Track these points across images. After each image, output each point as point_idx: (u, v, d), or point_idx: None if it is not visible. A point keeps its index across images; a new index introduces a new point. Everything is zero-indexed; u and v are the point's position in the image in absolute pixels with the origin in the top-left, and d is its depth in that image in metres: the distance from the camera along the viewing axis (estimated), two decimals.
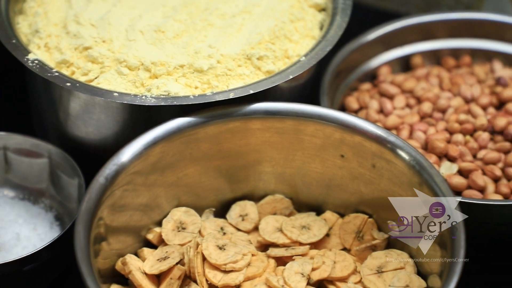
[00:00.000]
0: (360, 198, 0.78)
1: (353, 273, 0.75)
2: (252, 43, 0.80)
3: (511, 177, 0.79)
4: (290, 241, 0.77)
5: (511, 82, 0.86)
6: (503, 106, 0.84)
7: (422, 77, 0.88)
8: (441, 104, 0.84)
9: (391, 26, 0.90)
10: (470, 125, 0.82)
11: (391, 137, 0.75)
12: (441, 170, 0.80)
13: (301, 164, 0.79)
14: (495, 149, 0.81)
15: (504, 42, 0.90)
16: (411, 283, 0.73)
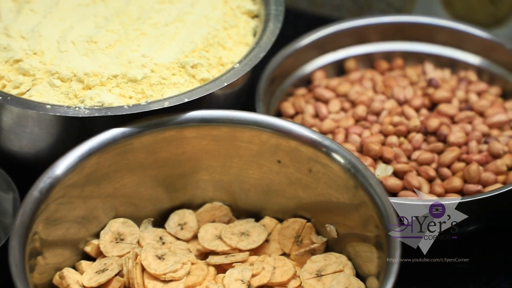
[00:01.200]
0: (298, 203, 0.79)
1: (293, 278, 0.75)
2: (185, 51, 0.80)
3: (444, 177, 0.80)
4: (230, 248, 0.77)
5: (443, 83, 0.88)
6: (435, 107, 0.86)
7: (356, 81, 0.89)
8: (375, 107, 0.85)
9: (325, 31, 0.91)
10: (403, 127, 0.83)
11: (326, 141, 0.75)
12: (376, 172, 0.81)
13: (238, 171, 0.79)
14: (429, 149, 0.82)
15: (435, 44, 0.91)
16: (350, 285, 0.73)
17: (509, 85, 0.88)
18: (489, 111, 0.85)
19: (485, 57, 0.90)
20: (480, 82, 0.89)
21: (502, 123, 0.84)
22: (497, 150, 0.81)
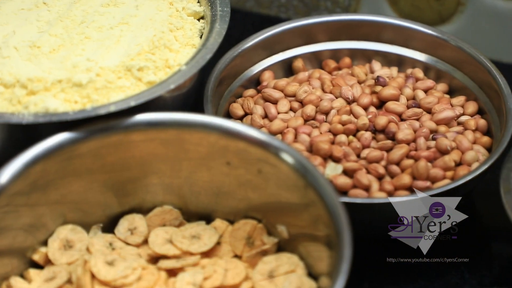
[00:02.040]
0: (249, 204, 0.79)
1: (245, 280, 0.75)
2: (131, 54, 0.79)
3: (394, 174, 0.81)
4: (181, 252, 0.76)
5: (390, 81, 0.88)
6: (383, 105, 0.86)
7: (304, 81, 0.89)
8: (324, 106, 0.85)
9: (272, 31, 0.91)
10: (352, 125, 0.83)
11: (274, 141, 0.75)
12: (326, 171, 0.81)
13: (188, 174, 0.79)
14: (378, 147, 0.82)
15: (382, 43, 0.92)
16: (302, 285, 0.73)
17: (455, 81, 0.89)
18: (436, 107, 0.85)
19: (431, 54, 0.90)
20: (427, 79, 0.89)
21: (449, 119, 0.84)
22: (445, 146, 0.81)
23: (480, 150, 0.83)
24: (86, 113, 0.74)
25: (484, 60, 0.86)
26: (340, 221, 0.70)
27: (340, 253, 0.68)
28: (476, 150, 0.82)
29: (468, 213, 0.85)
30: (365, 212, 0.78)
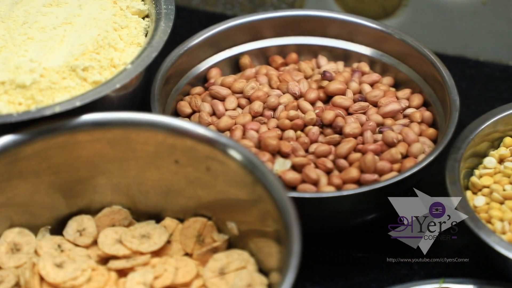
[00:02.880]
0: (198, 202, 0.78)
1: (196, 278, 0.75)
2: (75, 54, 0.78)
3: (342, 168, 0.81)
4: (131, 251, 0.76)
5: (337, 75, 0.88)
6: (330, 99, 0.87)
7: (252, 77, 0.89)
8: (271, 102, 0.86)
9: (218, 28, 0.91)
10: (300, 120, 0.84)
11: (222, 138, 0.75)
12: (275, 167, 0.81)
13: (136, 173, 0.78)
14: (326, 142, 0.83)
15: (327, 38, 0.92)
16: (253, 281, 0.74)
17: (400, 75, 0.89)
18: (382, 101, 0.86)
19: (376, 48, 0.91)
20: (372, 73, 0.90)
21: (395, 112, 0.85)
22: (391, 139, 0.82)
23: (426, 142, 0.84)
24: (30, 115, 0.73)
25: (428, 53, 0.87)
26: (288, 216, 0.70)
27: (289, 248, 0.68)
28: (422, 142, 0.83)
29: None
30: (314, 207, 0.78)
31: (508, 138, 0.82)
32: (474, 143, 0.81)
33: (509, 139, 0.82)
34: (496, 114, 0.82)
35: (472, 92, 0.97)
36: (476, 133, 0.81)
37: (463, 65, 0.99)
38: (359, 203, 0.79)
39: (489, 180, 0.79)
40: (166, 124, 0.76)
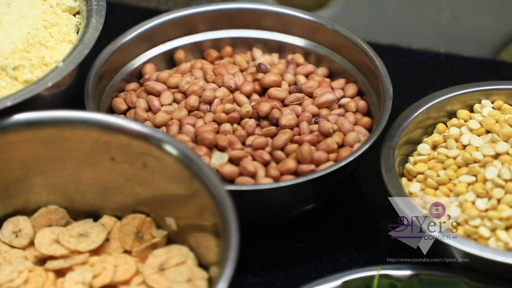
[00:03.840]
0: (136, 199, 0.78)
1: (135, 275, 0.75)
2: (5, 53, 0.77)
3: (279, 159, 0.82)
4: (69, 251, 0.75)
5: (272, 67, 0.89)
6: (266, 91, 0.87)
7: (187, 71, 0.89)
8: (207, 96, 0.85)
9: (151, 23, 0.90)
10: (236, 113, 0.84)
11: (157, 134, 0.75)
12: (212, 161, 0.81)
13: (72, 172, 0.78)
14: (262, 134, 0.83)
15: (262, 30, 0.92)
16: (193, 276, 0.74)
17: (335, 65, 0.90)
18: (318, 91, 0.86)
19: (310, 39, 0.91)
20: (307, 64, 0.90)
21: (330, 102, 0.86)
22: (327, 129, 0.83)
23: (361, 131, 0.84)
24: None
25: (361, 43, 0.87)
26: (226, 210, 0.70)
27: (228, 241, 0.69)
28: (357, 131, 0.84)
29: (353, 193, 0.87)
30: (253, 199, 0.78)
31: (441, 125, 0.83)
32: (408, 130, 0.82)
33: (442, 125, 0.83)
34: (428, 101, 0.84)
35: (406, 80, 0.98)
36: (409, 120, 0.82)
37: (396, 53, 1.01)
38: (297, 194, 0.79)
39: (423, 166, 0.80)
40: (100, 121, 0.75)
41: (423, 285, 0.74)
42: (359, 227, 0.84)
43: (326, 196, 0.84)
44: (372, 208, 0.87)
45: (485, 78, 0.88)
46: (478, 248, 0.72)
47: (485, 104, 0.84)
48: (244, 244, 0.71)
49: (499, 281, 0.72)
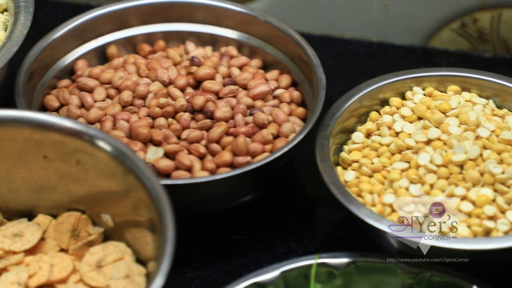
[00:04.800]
0: (71, 197, 0.77)
1: (72, 273, 0.74)
2: None
3: (215, 152, 0.81)
4: (3, 251, 0.74)
5: (205, 60, 0.89)
6: (200, 85, 0.87)
7: (120, 67, 0.88)
8: (141, 91, 0.85)
9: (82, 19, 0.89)
10: (170, 107, 0.84)
11: (90, 130, 0.74)
12: (147, 156, 0.80)
13: (4, 172, 0.76)
14: (197, 127, 0.83)
15: (194, 23, 0.92)
16: (131, 272, 0.73)
17: (268, 56, 0.90)
18: (252, 83, 0.87)
19: (243, 31, 0.91)
20: (241, 56, 0.90)
21: (264, 93, 0.86)
22: (262, 121, 0.83)
23: (296, 121, 0.85)
24: None
25: (293, 34, 0.88)
26: (161, 204, 0.70)
27: (164, 236, 0.68)
28: (292, 122, 0.84)
29: (290, 184, 0.88)
30: (189, 193, 0.78)
31: (374, 113, 0.84)
32: (342, 119, 0.82)
33: (375, 113, 0.84)
34: (361, 90, 0.84)
35: (339, 70, 0.99)
36: (343, 109, 0.83)
37: (329, 43, 1.01)
38: (234, 186, 0.80)
39: (358, 154, 0.81)
40: (31, 119, 0.74)
41: (360, 272, 0.75)
42: (296, 217, 0.85)
43: (263, 187, 0.84)
44: (309, 198, 0.87)
45: (417, 65, 0.89)
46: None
47: (416, 91, 0.85)
48: (182, 238, 0.71)
49: (433, 265, 0.74)
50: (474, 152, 0.76)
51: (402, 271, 0.74)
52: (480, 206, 0.74)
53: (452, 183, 0.75)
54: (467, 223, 0.74)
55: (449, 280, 0.73)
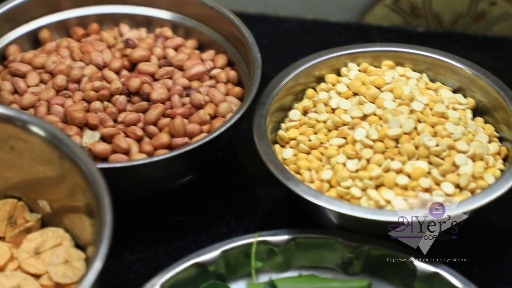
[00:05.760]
0: (6, 183, 0.76)
1: (10, 261, 0.73)
2: None
3: (152, 134, 0.81)
4: None
5: (140, 42, 0.88)
6: (135, 67, 0.86)
7: (53, 51, 0.87)
8: (75, 75, 0.84)
9: (13, 3, 0.88)
10: (106, 91, 0.83)
11: (23, 116, 0.73)
12: (84, 140, 0.80)
13: None
14: (134, 110, 0.82)
15: (128, 5, 0.91)
16: (70, 257, 0.73)
17: (203, 37, 0.90)
18: (187, 64, 0.86)
19: (178, 12, 0.91)
20: (176, 37, 0.90)
21: (200, 74, 0.86)
22: (199, 101, 0.83)
23: (233, 100, 0.85)
24: None
25: (228, 13, 0.87)
26: (98, 188, 0.69)
27: (102, 220, 0.68)
28: (229, 102, 0.84)
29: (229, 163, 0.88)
30: (128, 175, 0.78)
31: (310, 90, 0.85)
32: (279, 97, 0.83)
33: (311, 90, 0.85)
34: (297, 67, 0.85)
35: (275, 48, 0.99)
36: (279, 87, 0.83)
37: (264, 22, 1.01)
38: (173, 168, 0.79)
39: (295, 132, 0.81)
40: None
41: (300, 248, 0.75)
42: (237, 197, 0.85)
43: (202, 168, 0.84)
44: (249, 177, 0.88)
45: (352, 42, 0.89)
46: (350, 208, 0.73)
47: (351, 67, 0.85)
48: (122, 221, 0.70)
49: (371, 239, 0.74)
50: (408, 126, 0.77)
51: (341, 246, 0.75)
52: (415, 179, 0.75)
53: (388, 157, 0.76)
54: (404, 196, 0.75)
55: (387, 253, 0.74)
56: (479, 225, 0.81)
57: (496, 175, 0.76)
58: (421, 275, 0.73)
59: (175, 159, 0.77)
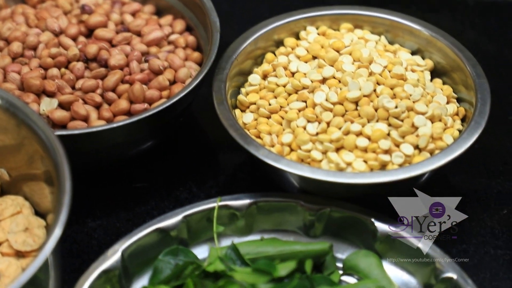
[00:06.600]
0: None
1: None
2: None
3: (111, 101, 0.80)
4: None
5: (97, 8, 0.87)
6: (92, 33, 0.85)
7: (7, 18, 0.86)
8: (31, 41, 0.83)
9: None
10: (63, 57, 0.82)
11: None
12: (41, 107, 0.79)
13: None
14: (92, 76, 0.81)
15: None
16: (30, 225, 0.72)
17: (161, 2, 0.89)
18: (145, 29, 0.85)
19: None
20: (133, 2, 0.89)
21: (158, 39, 0.85)
22: (158, 67, 0.82)
23: (192, 66, 0.84)
24: None
25: None
26: (56, 155, 0.68)
27: (61, 187, 0.67)
28: (188, 67, 0.83)
29: (190, 129, 0.88)
30: (87, 142, 0.77)
31: (269, 54, 0.84)
32: (238, 62, 0.82)
33: (270, 55, 0.84)
34: (256, 32, 0.84)
35: (234, 12, 0.98)
36: (238, 52, 0.83)
37: None
38: (132, 134, 0.79)
39: (255, 96, 0.81)
40: None
41: (261, 212, 0.76)
42: (198, 162, 0.85)
43: (162, 134, 0.84)
44: (210, 142, 0.87)
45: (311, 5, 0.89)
46: (310, 171, 0.74)
47: (310, 30, 0.85)
48: (82, 189, 0.70)
49: (332, 201, 0.75)
50: (368, 88, 0.77)
51: (302, 209, 0.75)
52: (375, 141, 0.75)
53: (348, 120, 0.76)
54: (364, 158, 0.75)
55: (348, 215, 0.74)
56: (438, 185, 0.82)
57: (455, 136, 0.77)
58: (382, 236, 0.74)
59: (135, 125, 0.77)
